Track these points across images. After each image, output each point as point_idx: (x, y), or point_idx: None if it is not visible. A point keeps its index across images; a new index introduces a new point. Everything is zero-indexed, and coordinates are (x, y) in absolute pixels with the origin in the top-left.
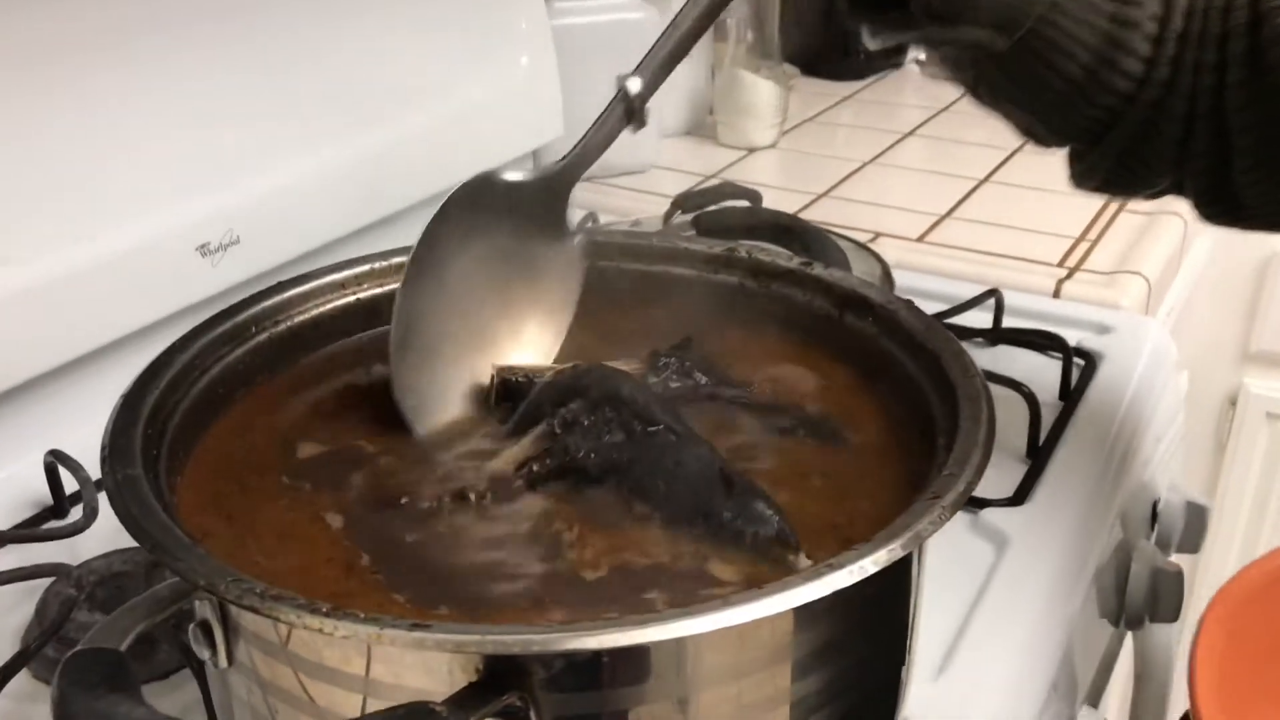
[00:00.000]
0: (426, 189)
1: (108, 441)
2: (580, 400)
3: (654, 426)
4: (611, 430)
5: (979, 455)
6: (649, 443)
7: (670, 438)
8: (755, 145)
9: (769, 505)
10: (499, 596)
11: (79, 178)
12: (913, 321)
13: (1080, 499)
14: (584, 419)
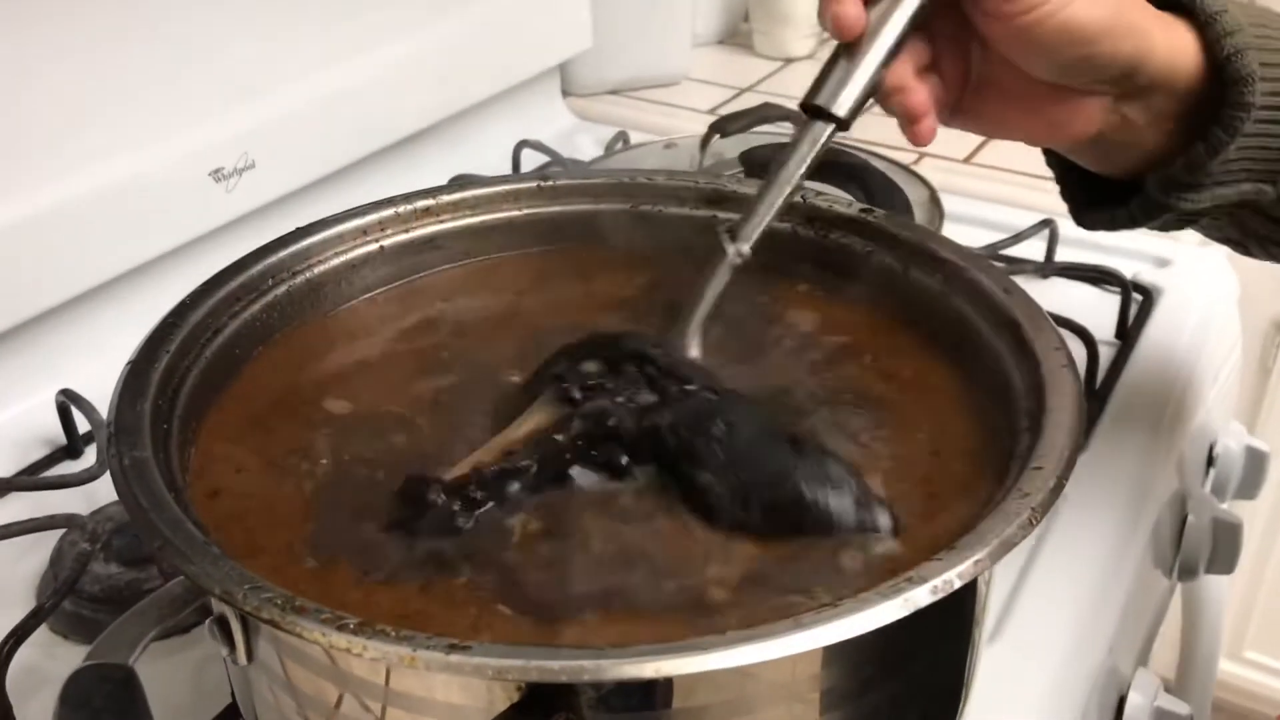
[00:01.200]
0: (448, 107)
1: (113, 418)
2: (597, 362)
3: (689, 385)
4: (641, 391)
5: (1070, 445)
6: (688, 405)
7: (710, 397)
8: (792, 56)
9: (843, 466)
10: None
11: (86, 102)
12: (989, 281)
13: (1139, 446)
14: (605, 380)
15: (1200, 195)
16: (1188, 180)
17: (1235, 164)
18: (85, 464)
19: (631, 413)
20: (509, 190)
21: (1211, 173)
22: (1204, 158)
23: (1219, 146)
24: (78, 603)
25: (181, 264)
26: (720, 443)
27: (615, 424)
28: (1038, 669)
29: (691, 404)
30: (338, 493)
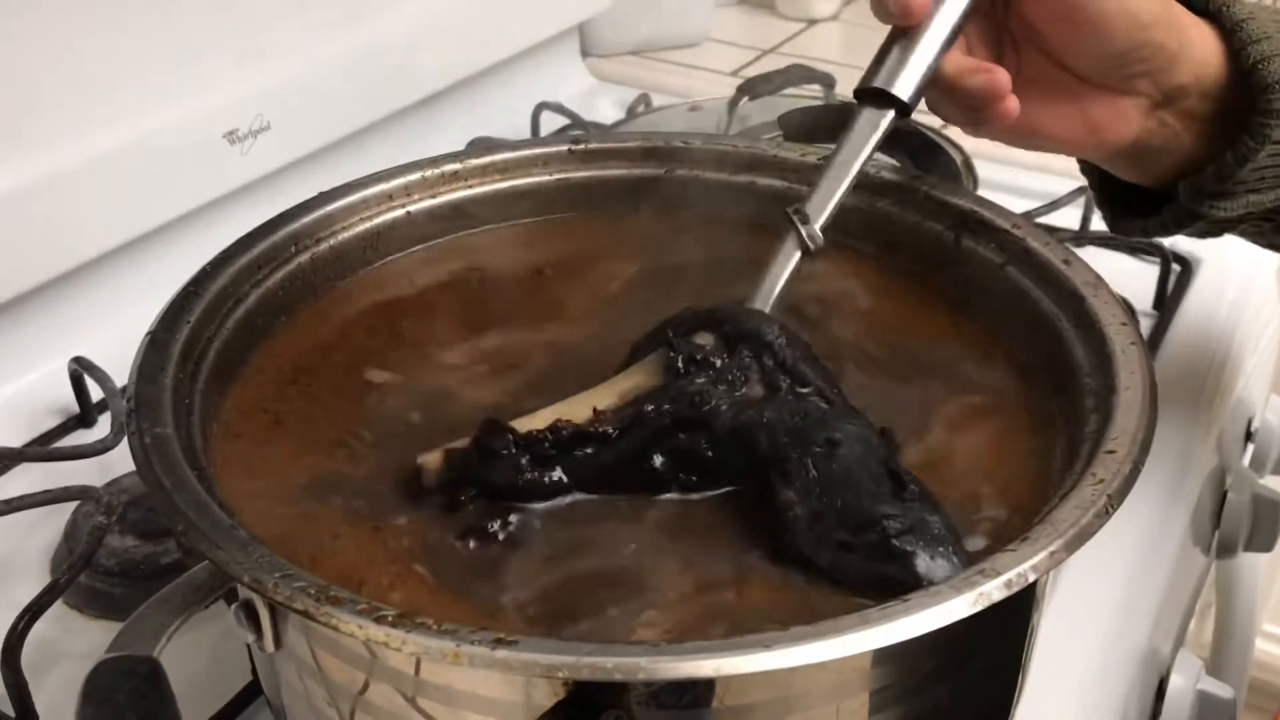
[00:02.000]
0: (466, 67)
1: (133, 392)
2: (713, 335)
3: (804, 388)
4: (749, 381)
5: (1145, 427)
6: (795, 408)
7: (822, 406)
8: (815, 16)
9: (945, 524)
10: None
11: (97, 64)
12: (1047, 251)
13: (1179, 420)
14: (715, 358)
15: (1233, 203)
16: (1218, 188)
17: (1268, 170)
18: (99, 434)
19: (732, 404)
20: (539, 154)
21: (1243, 180)
22: (1233, 166)
23: (1248, 154)
24: (93, 576)
25: (195, 229)
26: (817, 460)
27: (709, 412)
28: (1079, 652)
29: (799, 408)
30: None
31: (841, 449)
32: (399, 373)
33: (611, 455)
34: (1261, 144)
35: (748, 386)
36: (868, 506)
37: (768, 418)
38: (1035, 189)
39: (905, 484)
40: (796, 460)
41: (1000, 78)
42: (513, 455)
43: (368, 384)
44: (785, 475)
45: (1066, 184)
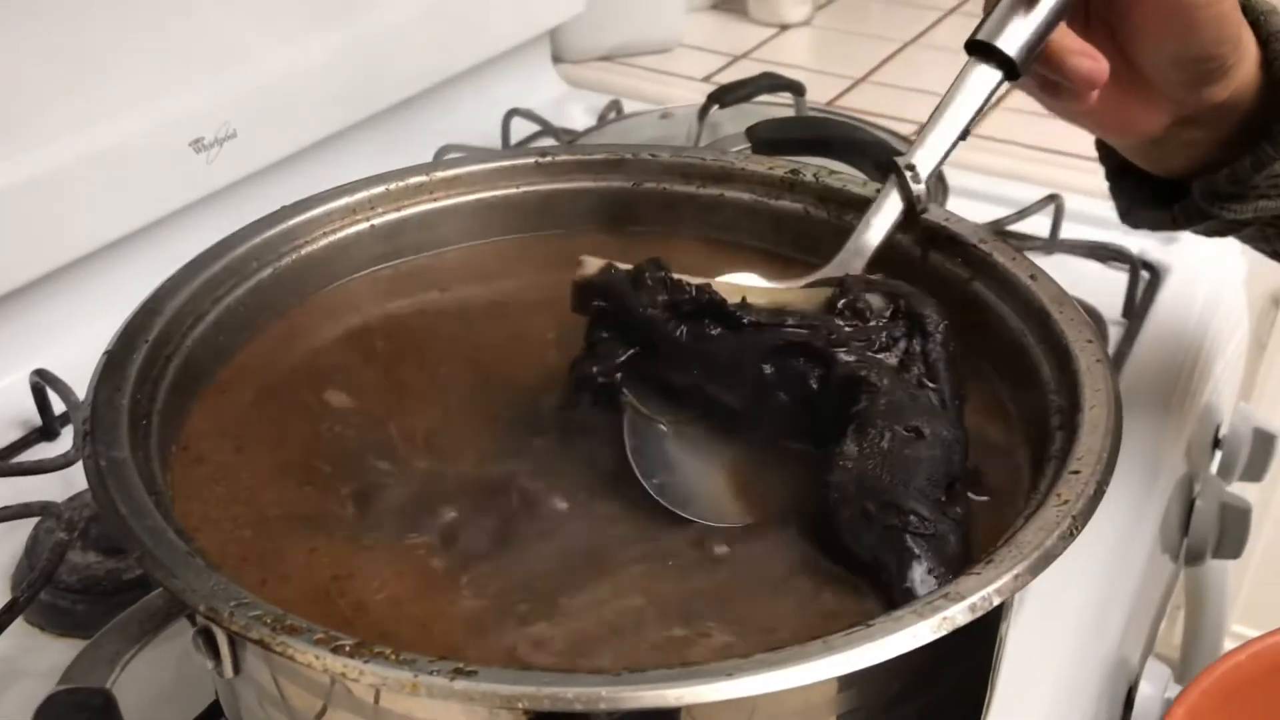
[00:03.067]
0: (435, 74)
1: (89, 415)
2: (884, 300)
3: (931, 383)
4: (889, 350)
5: (1109, 447)
6: (911, 391)
7: (934, 404)
8: (787, 22)
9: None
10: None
11: (61, 70)
12: (1014, 267)
13: (1148, 428)
14: (874, 319)
15: (1244, 206)
16: (1231, 190)
17: (1278, 178)
18: (61, 448)
19: (862, 359)
20: (505, 167)
21: (1256, 185)
22: (1249, 170)
23: (1265, 160)
24: (55, 593)
25: (161, 238)
26: (897, 437)
27: (837, 354)
28: (1048, 661)
29: (915, 393)
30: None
31: (924, 442)
32: (361, 394)
33: (734, 343)
34: (1279, 152)
35: (886, 354)
36: (911, 497)
37: (883, 385)
38: (1006, 196)
39: (956, 501)
40: (880, 428)
41: (1103, 66)
42: (658, 287)
43: (328, 405)
44: (861, 434)
45: (1037, 191)
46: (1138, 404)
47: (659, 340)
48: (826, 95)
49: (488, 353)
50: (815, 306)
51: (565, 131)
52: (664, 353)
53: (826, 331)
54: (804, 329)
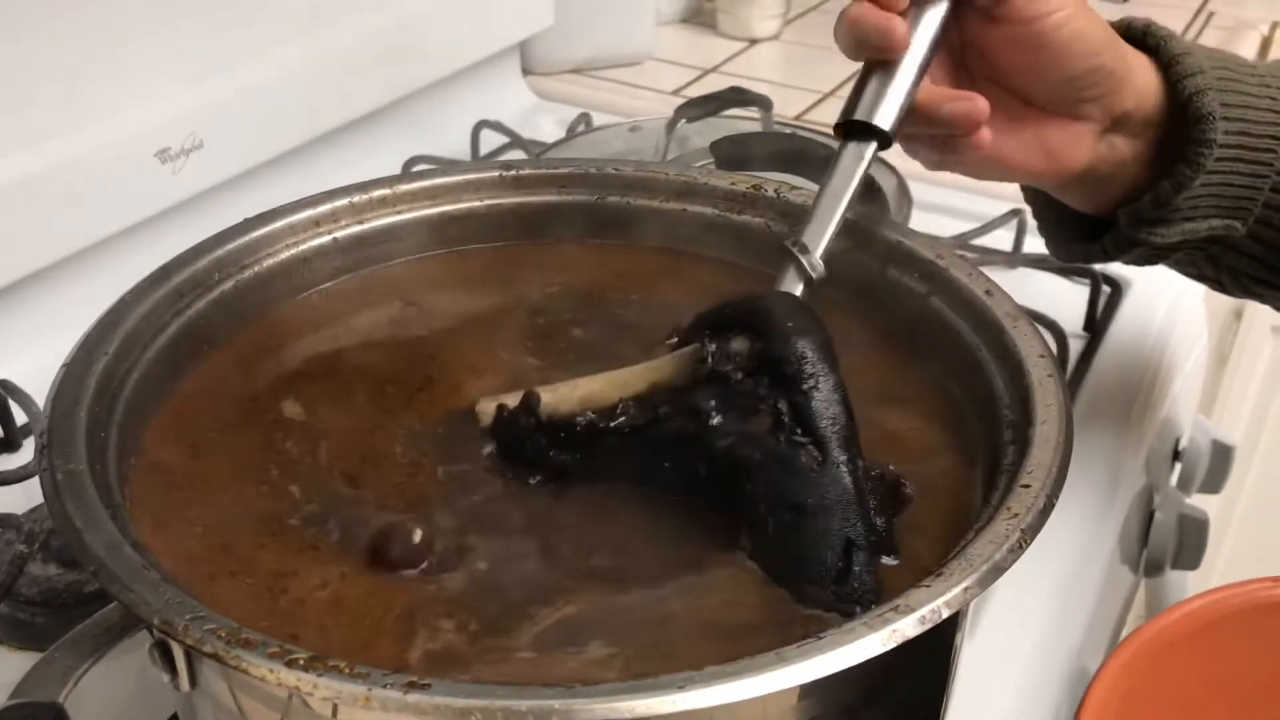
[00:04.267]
0: (405, 85)
1: (46, 428)
2: (748, 343)
3: (804, 436)
4: (759, 412)
5: (1059, 461)
6: (785, 457)
7: (812, 463)
8: (757, 36)
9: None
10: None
11: (25, 79)
12: (970, 282)
13: (1107, 440)
14: (738, 372)
15: (1169, 230)
16: (1155, 215)
17: (1202, 200)
18: (22, 459)
19: (735, 433)
20: (470, 180)
21: (1179, 208)
22: (1170, 193)
23: (1184, 182)
24: (14, 605)
25: (126, 248)
26: (779, 523)
27: (711, 434)
28: (1008, 670)
29: (788, 459)
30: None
31: (806, 518)
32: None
33: (623, 450)
34: (1196, 172)
35: (756, 418)
36: (809, 584)
37: (757, 458)
38: (969, 210)
39: (852, 567)
40: (764, 514)
41: (980, 104)
42: (533, 432)
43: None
44: (751, 524)
45: (1000, 206)
46: (1098, 416)
47: (559, 467)
48: (794, 109)
49: (447, 365)
50: (683, 376)
51: (534, 143)
52: (563, 474)
53: (695, 412)
54: (679, 414)
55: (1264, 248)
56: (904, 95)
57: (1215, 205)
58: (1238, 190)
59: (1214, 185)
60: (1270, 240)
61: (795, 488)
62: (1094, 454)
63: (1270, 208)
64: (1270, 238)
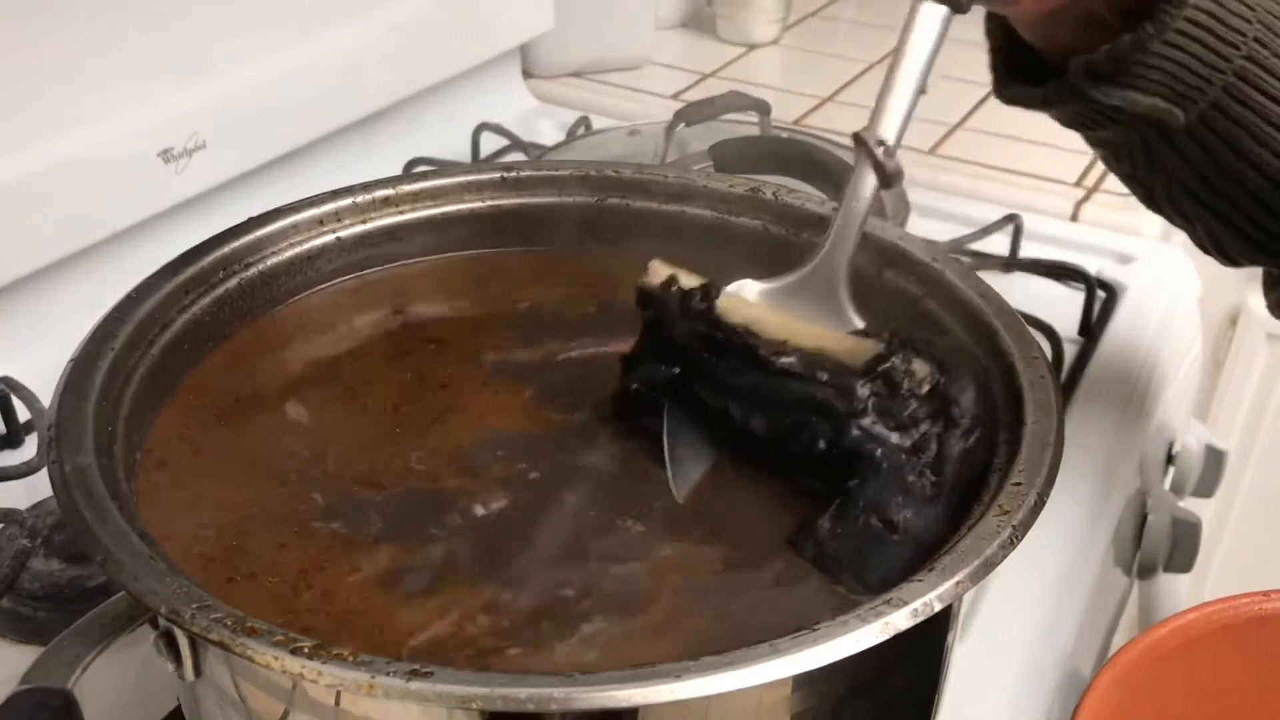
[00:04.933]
0: (406, 87)
1: (54, 421)
2: (929, 371)
3: (935, 473)
4: (908, 431)
5: (1051, 460)
6: (909, 479)
7: (926, 492)
8: (756, 42)
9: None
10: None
11: (30, 78)
12: (964, 285)
13: (1102, 443)
14: (905, 392)
15: (1115, 91)
16: (1106, 70)
17: (1154, 73)
18: (25, 455)
19: (874, 437)
20: (471, 181)
21: (1130, 70)
22: (1128, 49)
23: (1145, 40)
24: (16, 601)
25: (128, 247)
26: (864, 527)
27: (852, 424)
28: (1001, 671)
29: (911, 483)
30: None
31: (895, 539)
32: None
33: (760, 383)
34: (1160, 31)
35: (903, 433)
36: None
37: (884, 465)
38: (966, 216)
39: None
40: (860, 511)
41: None
42: (699, 318)
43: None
44: (841, 513)
45: (997, 211)
46: (1093, 420)
47: (690, 363)
48: (793, 114)
49: (448, 364)
50: (855, 360)
51: (534, 146)
52: (695, 374)
53: (851, 397)
54: (832, 388)
55: (1202, 153)
56: None
57: (1166, 85)
58: (1191, 77)
59: (1170, 63)
60: (1210, 146)
61: (900, 507)
62: (1088, 457)
63: (1217, 108)
64: (1210, 143)
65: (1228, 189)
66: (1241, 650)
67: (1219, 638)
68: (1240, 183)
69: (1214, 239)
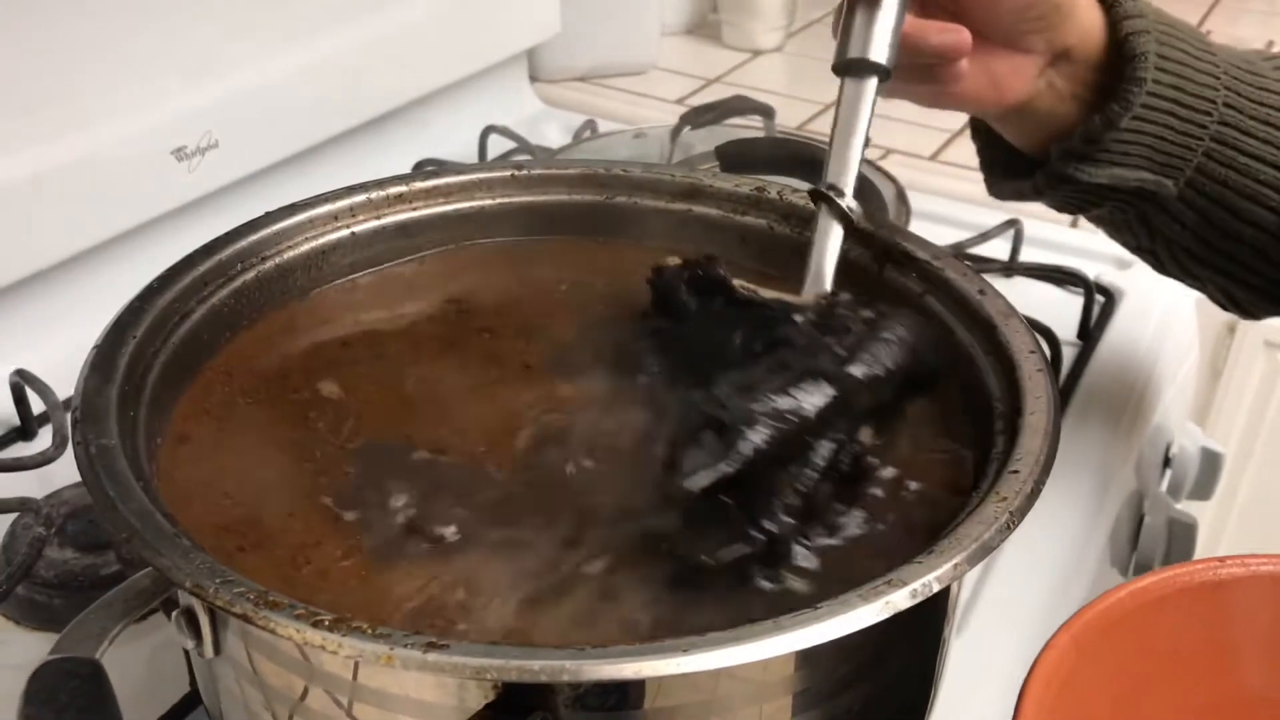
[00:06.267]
0: (415, 89)
1: (79, 404)
2: (869, 310)
3: (842, 350)
4: (838, 331)
5: (1047, 449)
6: (818, 345)
7: (833, 364)
8: (760, 48)
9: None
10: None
11: (45, 77)
12: (964, 282)
13: (1099, 445)
14: (846, 313)
15: (1097, 170)
16: (1084, 151)
17: (1133, 148)
18: (39, 446)
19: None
20: (482, 179)
21: (1108, 148)
22: (1100, 129)
23: (1114, 118)
24: (31, 588)
25: (141, 244)
26: (759, 362)
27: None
28: (999, 666)
29: (817, 347)
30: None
31: (785, 372)
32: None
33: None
34: (1126, 109)
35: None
36: (724, 394)
37: (800, 343)
38: (966, 220)
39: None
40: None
41: (965, 34)
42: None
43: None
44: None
45: (997, 216)
46: (1091, 421)
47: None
48: (796, 119)
49: (460, 354)
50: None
51: (541, 149)
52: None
53: (794, 311)
54: (780, 308)
55: (1198, 217)
56: (894, 27)
57: (1147, 158)
58: (1170, 147)
59: (1146, 136)
60: (1203, 210)
61: (801, 354)
62: (1086, 458)
63: (1204, 174)
64: (1203, 206)
65: (1229, 248)
66: (1196, 614)
67: (1175, 601)
68: (1239, 240)
69: (1228, 296)
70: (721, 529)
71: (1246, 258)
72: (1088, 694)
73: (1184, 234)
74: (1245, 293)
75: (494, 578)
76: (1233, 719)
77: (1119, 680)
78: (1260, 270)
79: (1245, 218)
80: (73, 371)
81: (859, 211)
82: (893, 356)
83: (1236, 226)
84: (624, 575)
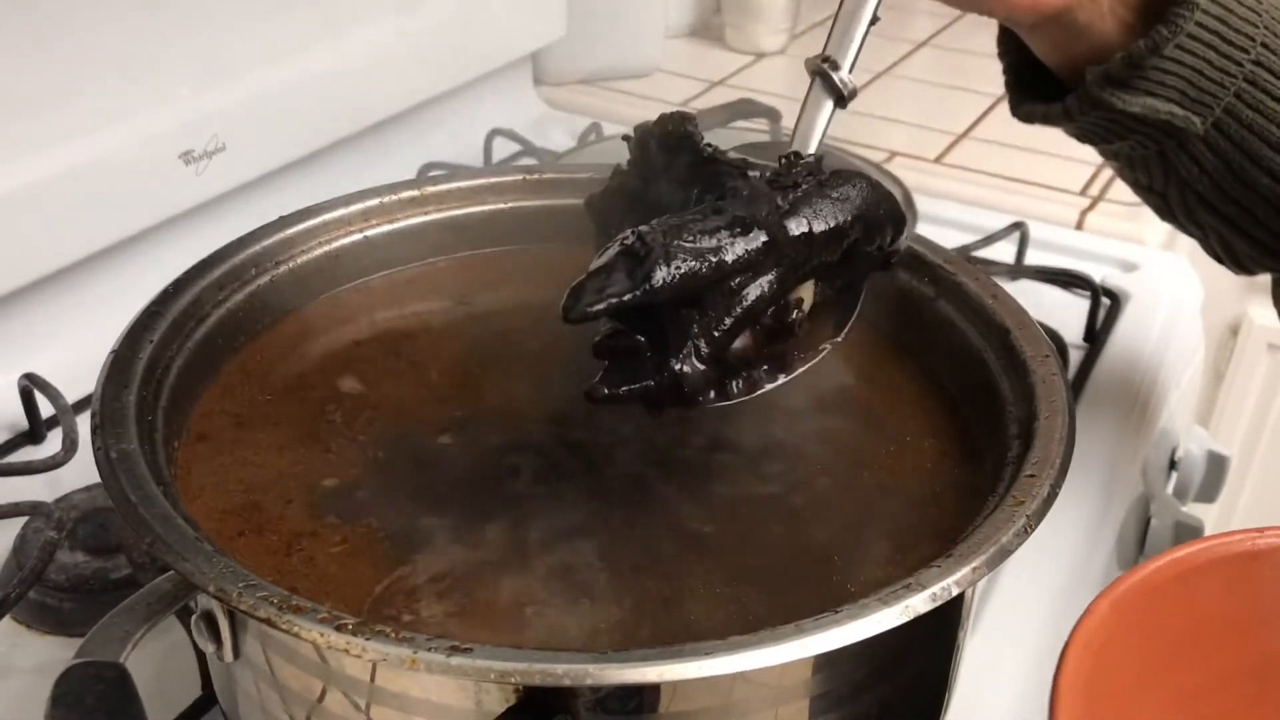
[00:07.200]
0: (420, 93)
1: (98, 409)
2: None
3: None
4: (787, 187)
5: (1062, 453)
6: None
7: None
8: (764, 50)
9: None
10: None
11: (54, 81)
12: (977, 287)
13: (1105, 448)
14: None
15: (1132, 97)
16: (1123, 75)
17: (1170, 77)
18: (49, 450)
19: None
20: (494, 183)
21: (1147, 75)
22: (1144, 54)
23: (1159, 43)
24: (43, 592)
25: (149, 247)
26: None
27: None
28: (1009, 668)
29: (755, 194)
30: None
31: (714, 216)
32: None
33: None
34: (1174, 34)
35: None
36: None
37: (742, 192)
38: (973, 223)
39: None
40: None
41: None
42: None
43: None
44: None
45: (1003, 219)
46: (1097, 425)
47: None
48: None
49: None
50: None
51: (546, 152)
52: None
53: (752, 169)
54: (739, 166)
55: (1218, 161)
56: None
57: (1182, 91)
58: (1205, 82)
59: (1185, 68)
60: (1225, 153)
61: (739, 200)
62: (1092, 461)
63: (1231, 115)
64: (1225, 149)
65: (1243, 195)
66: (1233, 584)
67: (1212, 570)
68: (1255, 189)
69: (1227, 247)
70: (633, 368)
71: (1258, 207)
72: (1125, 658)
73: (1200, 177)
74: (1247, 245)
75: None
76: (1265, 686)
77: (1155, 645)
78: (1268, 223)
79: (1264, 164)
80: (82, 375)
81: (852, 87)
82: (836, 215)
83: (1254, 174)
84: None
